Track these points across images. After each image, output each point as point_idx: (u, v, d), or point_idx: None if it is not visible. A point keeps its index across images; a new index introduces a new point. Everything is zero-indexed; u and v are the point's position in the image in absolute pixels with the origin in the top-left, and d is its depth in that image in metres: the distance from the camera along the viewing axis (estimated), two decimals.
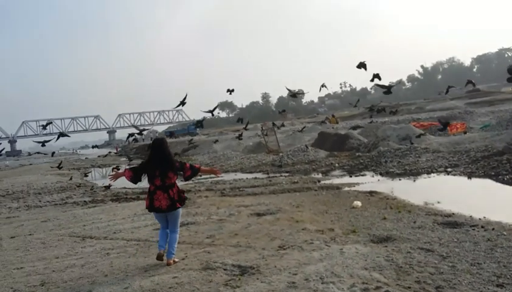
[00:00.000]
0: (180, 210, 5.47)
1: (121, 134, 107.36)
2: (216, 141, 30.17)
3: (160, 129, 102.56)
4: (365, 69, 11.08)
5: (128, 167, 5.98)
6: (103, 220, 9.11)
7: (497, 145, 13.68)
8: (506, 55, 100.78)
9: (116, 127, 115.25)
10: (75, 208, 11.60)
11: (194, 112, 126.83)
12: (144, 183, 5.85)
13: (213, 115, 12.68)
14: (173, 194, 5.26)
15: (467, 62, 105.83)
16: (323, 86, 14.69)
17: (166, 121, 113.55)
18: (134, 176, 5.39)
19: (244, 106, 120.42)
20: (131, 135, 16.74)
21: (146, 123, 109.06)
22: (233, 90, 14.57)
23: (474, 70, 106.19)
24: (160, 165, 5.27)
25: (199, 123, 14.62)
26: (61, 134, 15.55)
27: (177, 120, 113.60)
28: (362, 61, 10.94)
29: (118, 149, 60.10)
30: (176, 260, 5.37)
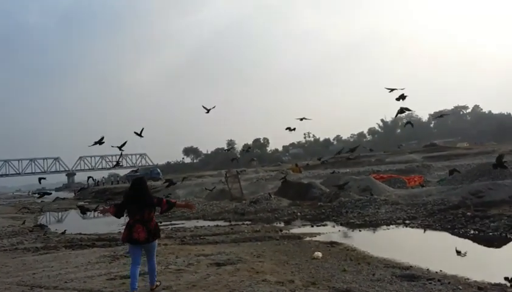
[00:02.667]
0: (156, 243, 6.06)
1: (81, 177, 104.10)
2: (169, 194, 29.17)
3: (122, 172, 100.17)
4: (403, 100, 11.25)
5: (113, 203, 6.77)
6: (55, 268, 8.65)
7: (452, 199, 14.15)
8: (461, 112, 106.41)
9: (76, 170, 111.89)
10: (25, 255, 10.99)
11: (158, 157, 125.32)
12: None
13: (120, 149, 12.58)
14: (151, 227, 5.81)
15: (425, 117, 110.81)
16: (302, 119, 14.96)
17: (129, 165, 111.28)
18: (117, 211, 5.97)
19: (209, 152, 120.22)
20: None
21: (108, 166, 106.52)
22: (209, 110, 14.41)
23: (431, 125, 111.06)
24: (140, 201, 5.82)
25: (99, 142, 13.76)
26: None
27: (140, 164, 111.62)
28: (402, 93, 11.11)
29: (77, 192, 58.03)
30: (158, 283, 6.13)
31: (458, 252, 9.01)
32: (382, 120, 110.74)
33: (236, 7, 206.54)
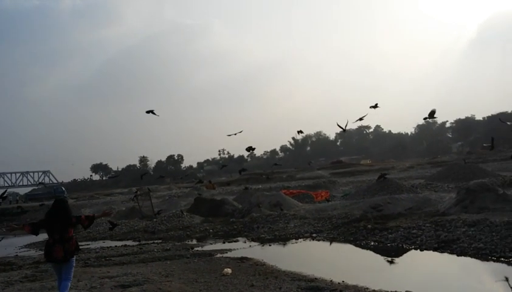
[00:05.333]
0: (74, 261, 6.23)
1: None
2: None
3: (23, 191, 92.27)
4: (378, 107, 11.83)
5: (27, 223, 6.80)
6: None
7: (355, 213, 15.00)
8: (364, 132, 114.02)
9: None
10: None
11: (63, 174, 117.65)
12: None
13: None
14: (69, 246, 6.00)
15: (332, 136, 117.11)
16: (236, 133, 15.17)
17: (30, 184, 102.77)
18: (33, 229, 6.19)
19: (119, 169, 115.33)
20: None
21: (7, 184, 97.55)
22: (150, 112, 13.57)
23: (338, 143, 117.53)
24: (60, 221, 6.00)
25: None
26: None
27: (43, 182, 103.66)
28: (376, 103, 11.64)
29: None
30: None
31: (391, 262, 9.58)
32: (293, 138, 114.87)
33: (151, 24, 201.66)
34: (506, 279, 7.57)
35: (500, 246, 9.13)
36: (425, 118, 11.97)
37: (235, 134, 15.47)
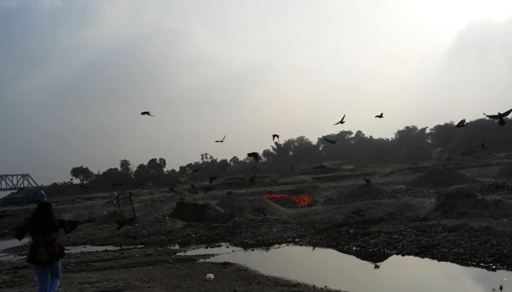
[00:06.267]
0: (60, 263, 6.47)
1: None
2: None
3: (1, 195, 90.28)
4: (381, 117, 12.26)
5: (14, 227, 6.96)
6: None
7: (337, 217, 15.08)
8: (346, 137, 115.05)
9: None
10: None
11: (43, 178, 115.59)
12: None
13: None
14: (53, 249, 6.20)
15: (314, 141, 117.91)
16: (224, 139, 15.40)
17: (9, 187, 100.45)
18: (19, 233, 6.33)
19: (100, 173, 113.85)
20: None
21: None
22: (147, 113, 13.28)
23: (320, 148, 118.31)
24: (43, 224, 6.20)
25: None
26: None
27: (22, 186, 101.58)
28: (381, 113, 11.87)
29: None
30: None
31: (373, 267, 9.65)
32: (276, 143, 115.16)
33: (132, 26, 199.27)
34: (501, 288, 7.57)
35: (479, 251, 9.26)
36: (457, 125, 12.32)
37: (221, 141, 15.56)
